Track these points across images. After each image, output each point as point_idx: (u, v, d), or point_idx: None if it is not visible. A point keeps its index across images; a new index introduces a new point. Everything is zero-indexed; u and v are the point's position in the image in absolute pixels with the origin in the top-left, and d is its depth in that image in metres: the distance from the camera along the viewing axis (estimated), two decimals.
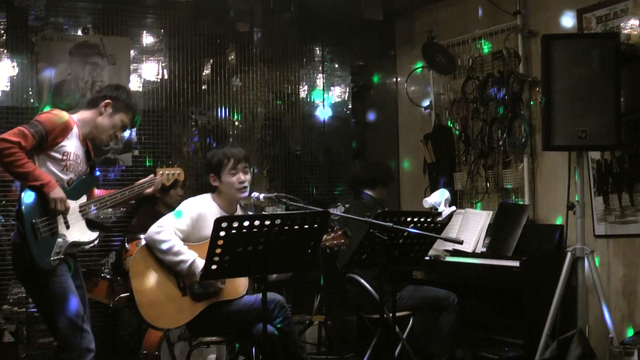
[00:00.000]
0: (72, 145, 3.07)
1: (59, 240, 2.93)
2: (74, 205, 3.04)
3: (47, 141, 2.96)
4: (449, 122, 5.16)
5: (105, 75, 4.95)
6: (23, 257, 2.85)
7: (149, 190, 3.47)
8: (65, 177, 3.04)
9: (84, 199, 3.14)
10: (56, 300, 2.91)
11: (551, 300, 3.60)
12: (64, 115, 3.09)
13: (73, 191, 3.05)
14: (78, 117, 3.17)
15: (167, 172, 3.55)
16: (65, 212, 2.95)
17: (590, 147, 3.73)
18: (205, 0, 5.23)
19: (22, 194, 2.85)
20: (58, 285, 2.93)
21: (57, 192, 2.90)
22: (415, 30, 5.71)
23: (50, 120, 2.99)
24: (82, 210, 3.10)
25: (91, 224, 3.15)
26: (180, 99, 5.22)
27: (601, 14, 4.05)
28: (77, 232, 3.05)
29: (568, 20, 4.25)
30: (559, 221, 4.28)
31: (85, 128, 3.18)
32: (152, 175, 3.50)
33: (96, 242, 3.20)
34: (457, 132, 5.07)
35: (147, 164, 5.06)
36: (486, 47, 4.87)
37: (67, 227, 2.99)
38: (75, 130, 3.10)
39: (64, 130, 3.04)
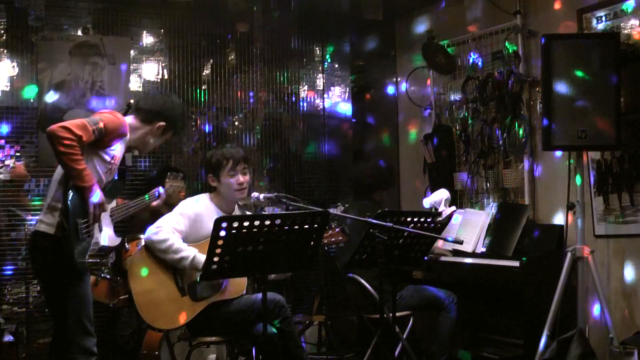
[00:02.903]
0: (119, 150, 3.06)
1: (93, 242, 2.92)
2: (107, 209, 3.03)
3: (102, 141, 2.92)
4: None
5: (105, 75, 4.95)
6: (61, 253, 2.79)
7: (155, 203, 3.57)
8: (105, 180, 3.01)
9: (113, 203, 3.15)
10: (76, 301, 2.88)
11: (551, 300, 3.60)
12: (124, 120, 3.06)
13: (108, 194, 3.03)
14: (129, 123, 3.13)
15: (174, 184, 3.68)
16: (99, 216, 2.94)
17: (590, 147, 3.72)
18: (205, 0, 5.23)
19: (69, 192, 2.79)
20: (83, 287, 2.91)
21: (98, 197, 2.86)
22: (415, 30, 5.71)
23: (112, 122, 2.95)
24: (112, 215, 3.09)
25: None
26: (180, 99, 5.21)
27: (601, 14, 4.05)
28: (107, 236, 3.05)
29: (568, 20, 4.25)
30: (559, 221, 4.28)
31: (132, 135, 3.13)
32: (157, 189, 3.61)
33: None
34: (458, 133, 5.07)
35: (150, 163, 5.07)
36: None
37: (100, 230, 2.97)
38: (127, 137, 3.08)
39: (121, 135, 3.02)
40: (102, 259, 4.79)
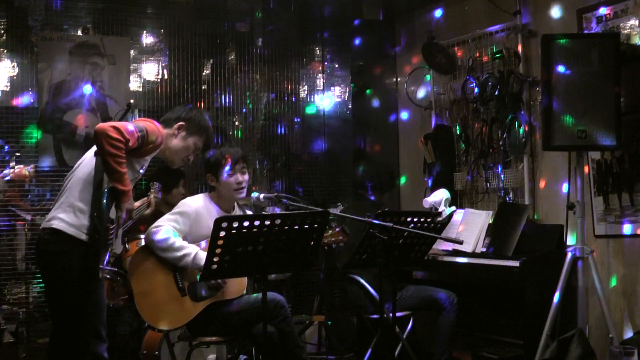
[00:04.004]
0: (148, 161, 3.05)
1: (109, 249, 2.89)
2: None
3: (140, 150, 2.86)
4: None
5: (105, 75, 4.95)
6: (85, 257, 2.72)
7: (148, 212, 3.60)
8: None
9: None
10: (93, 307, 2.83)
11: (551, 300, 3.60)
12: (163, 132, 3.02)
13: None
14: None
15: (157, 195, 3.81)
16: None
17: (590, 147, 3.72)
18: (205, 0, 5.23)
19: (105, 195, 2.72)
20: (100, 292, 2.88)
21: (131, 204, 2.82)
22: (415, 30, 5.71)
23: (153, 133, 2.91)
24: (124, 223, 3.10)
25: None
26: (180, 99, 5.22)
27: (601, 14, 4.05)
28: (117, 243, 3.03)
29: (568, 20, 4.25)
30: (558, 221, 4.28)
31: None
32: (145, 198, 3.68)
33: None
34: (459, 133, 5.07)
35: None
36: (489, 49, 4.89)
37: (116, 237, 2.95)
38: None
39: (157, 147, 2.98)
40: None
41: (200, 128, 3.20)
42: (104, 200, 2.71)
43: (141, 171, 3.02)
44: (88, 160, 2.91)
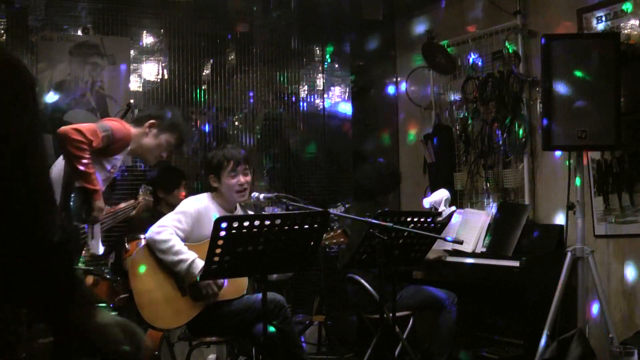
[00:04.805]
0: (120, 160, 3.06)
1: (85, 249, 2.90)
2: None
3: (107, 149, 2.89)
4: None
5: (105, 75, 4.94)
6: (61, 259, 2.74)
7: (133, 213, 3.62)
8: (102, 188, 3.00)
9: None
10: None
11: (551, 300, 3.60)
12: (130, 130, 3.05)
13: None
14: None
15: (146, 197, 3.86)
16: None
17: (590, 147, 3.72)
18: (205, 0, 5.23)
19: (72, 195, 2.74)
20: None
21: (102, 202, 2.85)
22: (415, 30, 5.70)
23: (119, 131, 2.93)
24: (102, 222, 3.09)
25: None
26: (180, 99, 5.22)
27: (601, 14, 4.05)
28: (96, 244, 3.04)
29: (568, 20, 4.25)
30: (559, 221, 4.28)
31: (132, 145, 3.13)
32: (133, 200, 3.73)
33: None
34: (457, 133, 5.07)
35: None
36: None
37: (92, 237, 2.96)
38: (129, 147, 3.07)
39: (125, 145, 3.00)
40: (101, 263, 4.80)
41: (172, 125, 3.21)
42: (71, 201, 2.72)
43: (112, 170, 3.03)
44: (59, 162, 2.94)
